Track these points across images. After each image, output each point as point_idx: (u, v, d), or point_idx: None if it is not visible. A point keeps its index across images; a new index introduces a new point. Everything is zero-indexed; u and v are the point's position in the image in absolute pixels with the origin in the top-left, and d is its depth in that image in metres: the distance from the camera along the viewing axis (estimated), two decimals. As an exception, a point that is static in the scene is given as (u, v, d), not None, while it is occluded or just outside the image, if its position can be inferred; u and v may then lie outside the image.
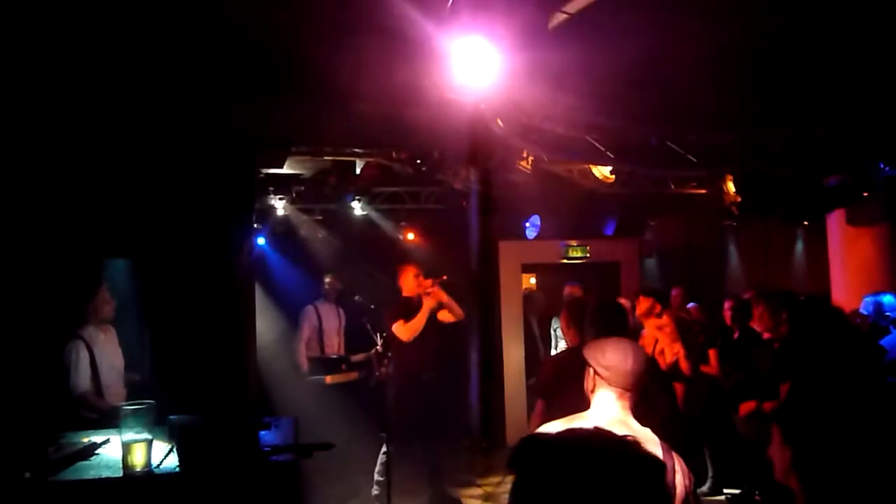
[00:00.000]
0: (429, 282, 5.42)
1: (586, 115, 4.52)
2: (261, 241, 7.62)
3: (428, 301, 5.35)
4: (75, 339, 4.37)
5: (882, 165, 5.81)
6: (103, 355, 4.47)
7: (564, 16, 3.00)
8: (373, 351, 6.36)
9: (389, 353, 5.55)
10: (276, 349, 7.21)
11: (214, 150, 4.51)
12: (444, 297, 5.44)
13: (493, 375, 8.12)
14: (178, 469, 2.67)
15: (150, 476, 2.60)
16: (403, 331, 5.35)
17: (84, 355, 4.35)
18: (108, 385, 4.43)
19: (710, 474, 5.91)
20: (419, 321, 5.33)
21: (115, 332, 4.65)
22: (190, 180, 4.40)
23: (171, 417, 2.89)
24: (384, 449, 5.37)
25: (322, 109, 4.66)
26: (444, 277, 5.48)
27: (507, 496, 1.24)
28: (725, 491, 5.87)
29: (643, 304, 5.18)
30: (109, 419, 3.54)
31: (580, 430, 1.27)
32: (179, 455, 2.71)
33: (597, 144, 5.18)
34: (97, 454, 2.91)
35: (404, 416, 5.37)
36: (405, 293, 5.55)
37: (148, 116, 4.23)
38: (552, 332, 7.33)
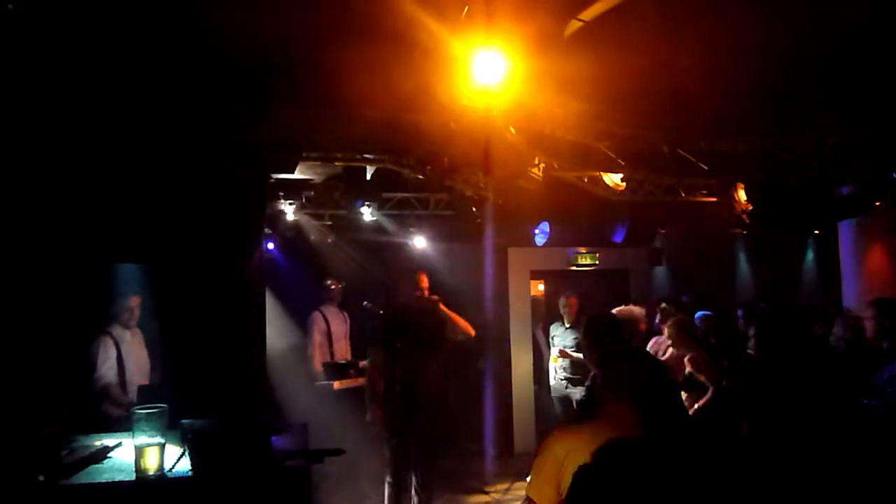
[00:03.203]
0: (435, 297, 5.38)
1: (598, 123, 4.51)
2: (270, 245, 7.64)
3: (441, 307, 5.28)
4: (104, 335, 4.47)
5: (895, 175, 5.77)
6: (130, 354, 4.57)
7: (579, 23, 3.01)
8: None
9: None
10: (285, 354, 7.22)
11: (226, 155, 4.52)
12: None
13: (501, 383, 8.11)
14: (190, 473, 2.67)
15: (162, 480, 2.61)
16: (465, 326, 5.25)
17: (112, 351, 4.46)
18: (130, 383, 4.52)
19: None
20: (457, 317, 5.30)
21: (141, 335, 4.73)
22: (202, 185, 4.41)
23: (184, 421, 2.90)
24: (388, 479, 5.19)
25: (333, 115, 4.66)
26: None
27: (514, 503, 1.33)
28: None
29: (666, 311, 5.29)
30: (125, 421, 3.57)
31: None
32: (192, 459, 2.72)
33: (608, 152, 5.17)
34: (109, 457, 2.92)
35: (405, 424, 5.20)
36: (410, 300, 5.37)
37: (160, 123, 4.25)
38: (550, 339, 7.35)
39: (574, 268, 8.56)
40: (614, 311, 4.72)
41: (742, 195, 5.93)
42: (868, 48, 4.14)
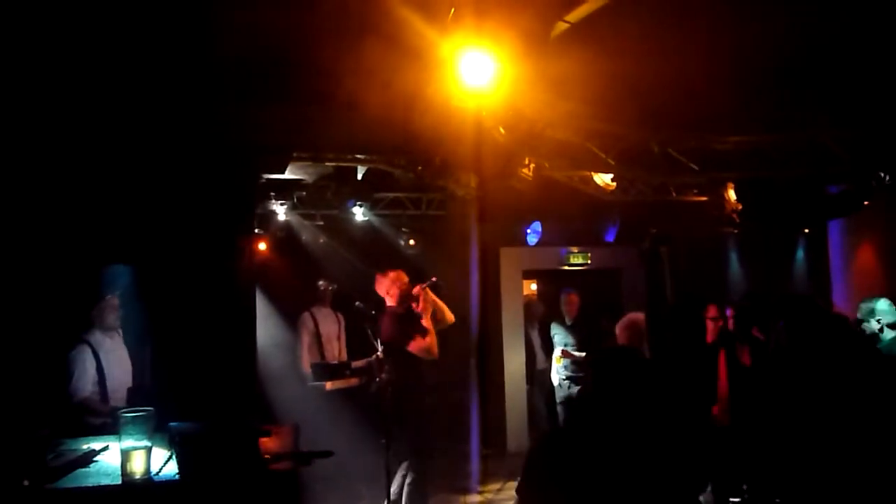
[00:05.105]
0: (417, 287, 5.05)
1: (587, 122, 4.52)
2: (262, 246, 7.61)
3: (426, 309, 5.00)
4: (81, 343, 4.40)
5: (883, 175, 5.80)
6: (110, 361, 4.49)
7: (566, 25, 3.01)
8: (374, 357, 6.33)
9: (386, 366, 5.30)
10: (277, 355, 7.20)
11: (215, 155, 4.51)
12: (437, 301, 5.12)
13: (494, 382, 8.11)
14: (177, 476, 2.66)
15: (149, 484, 2.59)
16: (429, 349, 4.93)
17: (90, 361, 4.38)
18: (113, 390, 4.45)
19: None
20: (433, 334, 4.97)
21: (121, 338, 4.68)
22: (190, 186, 4.40)
23: (171, 424, 2.88)
24: (402, 472, 5.03)
25: (323, 115, 4.66)
26: (434, 279, 5.14)
27: (508, 502, 1.34)
28: (731, 500, 5.84)
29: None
30: (112, 425, 3.54)
31: None
32: (179, 462, 2.70)
33: (598, 151, 5.18)
34: (96, 461, 2.90)
35: (408, 425, 5.09)
36: (393, 302, 5.15)
37: (149, 122, 4.23)
38: (552, 339, 7.32)
39: (566, 267, 8.57)
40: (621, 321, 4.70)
41: (732, 194, 5.95)
42: (856, 47, 4.16)
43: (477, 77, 3.18)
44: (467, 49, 3.10)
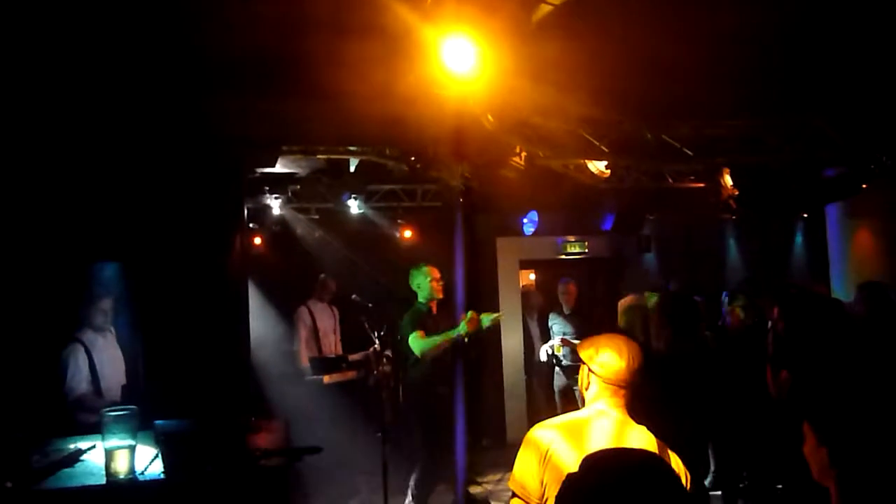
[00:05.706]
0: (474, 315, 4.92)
1: (577, 109, 4.46)
2: (257, 241, 7.59)
3: (461, 330, 4.87)
4: (74, 342, 4.38)
5: (881, 157, 5.74)
6: (103, 359, 4.48)
7: (548, 7, 2.95)
8: (371, 350, 6.32)
9: (388, 353, 5.31)
10: (274, 349, 7.18)
11: (204, 149, 4.47)
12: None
13: (492, 373, 8.08)
14: (162, 476, 2.63)
15: (133, 483, 2.56)
16: (418, 344, 4.87)
17: (83, 359, 4.37)
18: (108, 388, 4.45)
19: (711, 468, 5.85)
20: (439, 345, 4.86)
21: (114, 336, 4.66)
22: (178, 181, 4.36)
23: (157, 422, 2.85)
24: (421, 464, 5.02)
25: (313, 108, 4.61)
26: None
27: (507, 493, 1.30)
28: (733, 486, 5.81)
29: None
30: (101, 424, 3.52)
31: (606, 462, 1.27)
32: (164, 461, 2.67)
33: (590, 138, 5.12)
34: (82, 461, 2.87)
35: (415, 418, 5.10)
36: (422, 298, 5.15)
37: (136, 116, 4.19)
38: (550, 329, 7.30)
39: (563, 256, 8.53)
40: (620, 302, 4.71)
41: (728, 180, 5.90)
42: (849, 29, 4.10)
43: (460, 64, 3.13)
44: (449, 35, 3.05)
